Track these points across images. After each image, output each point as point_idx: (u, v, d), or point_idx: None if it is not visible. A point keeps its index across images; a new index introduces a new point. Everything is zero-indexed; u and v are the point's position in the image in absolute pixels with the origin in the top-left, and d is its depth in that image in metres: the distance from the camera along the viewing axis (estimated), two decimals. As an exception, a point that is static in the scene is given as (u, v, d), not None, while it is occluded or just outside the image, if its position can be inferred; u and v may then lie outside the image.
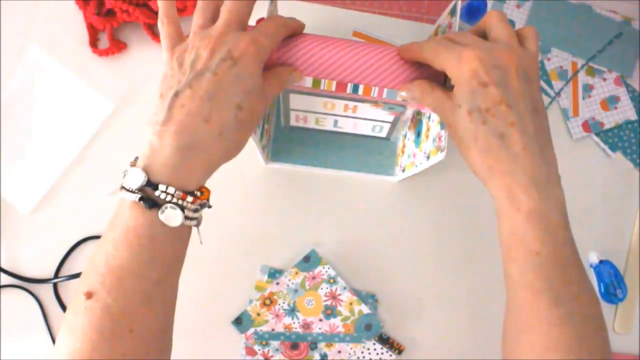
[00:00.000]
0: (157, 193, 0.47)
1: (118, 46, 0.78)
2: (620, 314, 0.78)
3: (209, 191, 0.51)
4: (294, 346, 0.74)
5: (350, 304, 0.75)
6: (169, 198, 0.47)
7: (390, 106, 0.65)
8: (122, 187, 0.47)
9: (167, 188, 0.46)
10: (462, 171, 0.79)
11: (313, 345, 0.74)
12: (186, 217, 0.48)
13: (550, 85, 0.82)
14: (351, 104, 0.65)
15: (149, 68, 0.79)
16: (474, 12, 0.70)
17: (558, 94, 0.82)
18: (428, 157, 0.65)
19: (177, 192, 0.47)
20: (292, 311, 0.75)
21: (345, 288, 0.75)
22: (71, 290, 0.75)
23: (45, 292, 0.74)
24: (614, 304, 0.78)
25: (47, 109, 0.77)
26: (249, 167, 0.77)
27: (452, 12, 0.60)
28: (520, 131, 0.47)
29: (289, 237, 0.77)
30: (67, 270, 0.75)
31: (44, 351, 0.73)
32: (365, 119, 0.71)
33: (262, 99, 0.51)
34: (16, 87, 0.77)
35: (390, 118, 0.69)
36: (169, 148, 0.47)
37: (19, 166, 0.76)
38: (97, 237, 0.75)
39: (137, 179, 0.46)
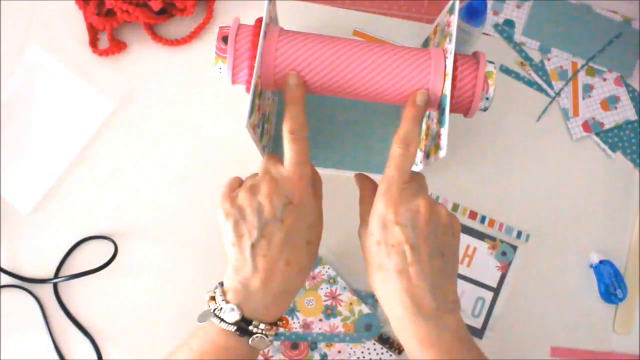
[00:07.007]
0: (250, 327, 0.53)
1: (118, 46, 0.78)
2: (620, 314, 0.78)
3: (287, 320, 0.63)
4: (294, 346, 0.74)
5: (350, 304, 0.75)
6: (259, 331, 0.54)
7: None
8: (217, 316, 0.53)
9: (259, 324, 0.54)
10: (463, 171, 0.79)
11: (313, 345, 0.74)
12: (269, 341, 0.55)
13: (550, 85, 0.82)
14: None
15: (149, 68, 0.79)
16: (474, 12, 0.70)
17: (558, 94, 0.82)
18: (428, 156, 0.65)
19: (266, 326, 0.54)
20: (292, 311, 0.75)
21: (345, 288, 0.75)
22: (71, 290, 0.75)
23: (45, 292, 0.74)
24: (614, 304, 0.78)
25: (47, 109, 0.77)
26: (249, 167, 0.77)
27: (451, 11, 0.60)
28: (417, 271, 0.52)
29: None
30: (67, 270, 0.75)
31: (44, 351, 0.73)
32: None
33: (321, 220, 0.59)
34: (16, 87, 0.77)
35: None
36: (260, 294, 0.54)
37: (19, 166, 0.76)
38: (97, 237, 0.75)
39: (234, 315, 0.53)
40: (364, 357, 0.75)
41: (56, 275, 0.74)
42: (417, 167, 0.69)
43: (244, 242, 0.54)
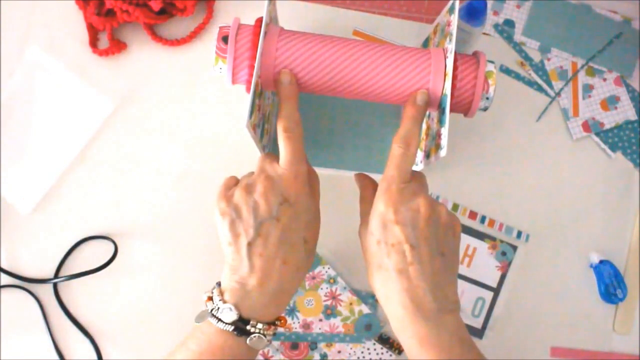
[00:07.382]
0: (247, 327, 0.53)
1: (118, 46, 0.78)
2: (620, 314, 0.78)
3: (285, 319, 0.61)
4: (294, 346, 0.74)
5: (350, 304, 0.75)
6: (257, 330, 0.53)
7: None
8: (214, 316, 0.53)
9: (256, 324, 0.53)
10: (463, 171, 0.79)
11: (313, 345, 0.74)
12: (267, 340, 0.55)
13: (550, 85, 0.82)
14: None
15: (149, 68, 0.79)
16: (474, 12, 0.70)
17: (558, 94, 0.82)
18: (428, 156, 0.65)
19: (264, 326, 0.54)
20: (292, 311, 0.75)
21: (345, 288, 0.75)
22: (71, 290, 0.74)
23: (45, 292, 0.74)
24: (614, 304, 0.78)
25: (47, 109, 0.77)
26: (249, 167, 0.77)
27: (451, 11, 0.60)
28: (417, 270, 0.52)
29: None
30: (67, 270, 0.75)
31: (44, 351, 0.73)
32: None
33: (318, 219, 0.58)
34: (16, 87, 0.77)
35: None
36: (257, 293, 0.54)
37: (19, 166, 0.76)
38: (97, 237, 0.75)
39: (231, 315, 0.53)
40: (364, 357, 0.75)
41: (56, 275, 0.74)
42: (418, 167, 0.69)
43: (241, 241, 0.53)
